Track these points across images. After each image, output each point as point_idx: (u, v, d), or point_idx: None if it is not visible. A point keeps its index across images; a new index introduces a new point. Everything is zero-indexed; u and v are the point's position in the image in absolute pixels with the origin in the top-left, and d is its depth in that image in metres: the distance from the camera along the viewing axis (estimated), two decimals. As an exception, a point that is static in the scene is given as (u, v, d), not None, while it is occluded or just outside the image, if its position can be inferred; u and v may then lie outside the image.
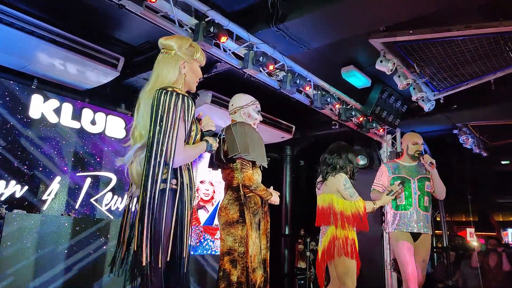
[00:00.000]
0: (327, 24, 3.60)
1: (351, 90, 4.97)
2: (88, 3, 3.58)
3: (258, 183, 2.60)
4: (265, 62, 3.72)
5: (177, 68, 1.89)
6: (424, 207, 3.35)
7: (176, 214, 1.74)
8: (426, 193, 3.38)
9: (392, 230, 3.37)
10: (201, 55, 1.97)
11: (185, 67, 1.91)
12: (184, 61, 1.90)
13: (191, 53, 1.93)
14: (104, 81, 4.47)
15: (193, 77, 1.96)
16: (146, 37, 4.17)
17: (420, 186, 3.37)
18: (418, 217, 3.29)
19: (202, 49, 2.03)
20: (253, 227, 2.51)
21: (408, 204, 3.34)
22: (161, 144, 1.70)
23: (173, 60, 1.90)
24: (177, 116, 1.72)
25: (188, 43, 1.94)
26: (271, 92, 4.39)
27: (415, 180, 3.39)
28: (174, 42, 1.91)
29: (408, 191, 3.36)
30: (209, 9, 3.29)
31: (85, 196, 4.58)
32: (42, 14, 3.79)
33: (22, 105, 4.23)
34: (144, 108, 1.83)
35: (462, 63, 4.35)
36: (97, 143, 4.79)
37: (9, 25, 3.48)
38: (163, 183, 1.73)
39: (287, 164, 7.02)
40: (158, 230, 1.67)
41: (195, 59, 1.94)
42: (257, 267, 2.48)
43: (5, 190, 3.99)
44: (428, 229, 3.34)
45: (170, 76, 1.87)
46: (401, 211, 3.34)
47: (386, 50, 4.13)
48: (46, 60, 4.01)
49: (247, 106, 2.72)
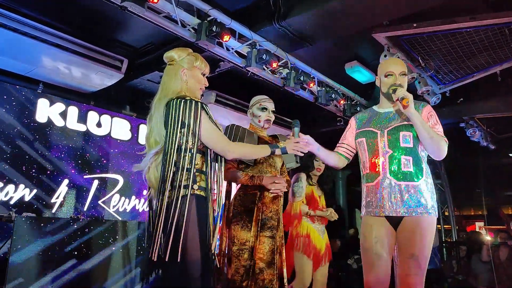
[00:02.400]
0: (329, 19, 3.58)
1: (355, 86, 4.94)
2: (91, 6, 3.60)
3: (234, 175, 2.51)
4: (269, 60, 3.72)
5: (178, 75, 1.96)
6: (400, 173, 2.02)
7: (199, 219, 1.79)
8: (402, 150, 2.04)
9: (362, 214, 2.19)
10: (201, 62, 2.02)
11: (186, 74, 1.97)
12: (183, 68, 1.97)
13: (190, 61, 1.99)
14: (109, 83, 4.50)
15: (195, 83, 2.00)
16: (149, 39, 4.19)
17: (392, 141, 2.07)
18: (391, 191, 2.02)
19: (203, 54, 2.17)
20: (246, 226, 2.45)
21: (373, 172, 2.10)
22: (183, 150, 1.79)
23: (174, 69, 1.98)
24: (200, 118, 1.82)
25: (187, 52, 2.02)
26: (275, 90, 4.38)
27: (384, 132, 2.11)
28: (174, 52, 2.01)
29: (371, 150, 2.12)
30: (211, 8, 3.29)
31: (93, 198, 4.62)
32: (45, 18, 3.82)
33: (29, 109, 4.26)
34: (157, 116, 1.90)
35: (467, 55, 4.30)
36: (103, 146, 4.82)
37: (14, 30, 3.52)
38: (185, 188, 1.79)
39: (292, 162, 6.99)
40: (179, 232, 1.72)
41: (196, 66, 1.99)
42: (264, 267, 2.42)
43: (14, 194, 4.03)
44: (411, 210, 1.98)
45: (173, 84, 1.94)
46: (367, 183, 2.12)
47: (390, 45, 4.10)
48: (51, 64, 4.04)
49: (252, 106, 2.72)
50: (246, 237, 2.43)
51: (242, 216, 2.48)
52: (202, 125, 1.81)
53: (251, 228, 2.44)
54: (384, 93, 2.19)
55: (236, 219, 2.48)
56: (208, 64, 2.07)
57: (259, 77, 4.04)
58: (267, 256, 2.45)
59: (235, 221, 2.48)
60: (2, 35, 3.50)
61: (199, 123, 1.80)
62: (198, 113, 1.80)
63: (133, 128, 5.11)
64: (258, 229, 2.48)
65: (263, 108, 2.67)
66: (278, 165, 2.66)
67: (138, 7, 2.94)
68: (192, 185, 1.80)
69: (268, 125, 2.69)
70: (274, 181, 2.44)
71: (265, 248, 2.47)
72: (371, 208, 2.08)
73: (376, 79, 2.24)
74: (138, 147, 5.10)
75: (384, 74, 2.15)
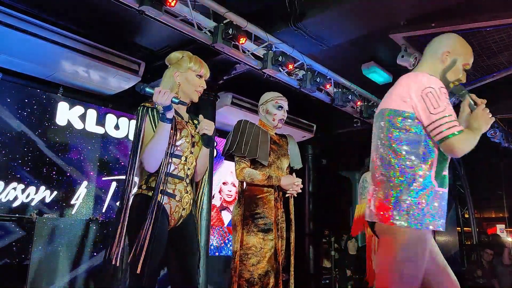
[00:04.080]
0: (346, 20, 3.56)
1: (372, 87, 4.89)
2: (109, 10, 3.65)
3: (251, 175, 2.41)
4: (285, 62, 3.71)
5: (171, 78, 1.98)
6: None
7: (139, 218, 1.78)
8: None
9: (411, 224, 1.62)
10: (195, 64, 1.99)
11: (178, 76, 1.97)
12: (177, 71, 1.98)
13: (184, 63, 1.99)
14: (126, 86, 4.56)
15: (189, 86, 1.99)
16: (166, 42, 4.22)
17: None
18: None
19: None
20: (253, 231, 2.40)
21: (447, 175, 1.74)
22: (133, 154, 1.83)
23: (169, 72, 2.01)
24: (143, 126, 1.87)
25: (181, 54, 2.03)
26: (291, 92, 4.36)
27: None
28: (171, 56, 2.04)
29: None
30: (227, 11, 3.30)
31: (111, 199, 4.68)
32: (64, 23, 3.89)
33: (49, 112, 4.35)
34: None
35: (487, 55, 4.22)
36: (121, 148, 4.88)
37: (34, 35, 3.60)
38: (139, 188, 1.86)
39: (309, 164, 6.97)
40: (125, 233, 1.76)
41: (189, 68, 1.98)
42: (269, 270, 2.38)
43: (35, 195, 4.12)
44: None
45: (164, 86, 1.95)
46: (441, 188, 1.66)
47: (407, 45, 4.04)
48: (70, 68, 4.12)
49: (266, 102, 2.63)
50: (251, 242, 2.38)
51: (247, 220, 2.42)
52: (145, 128, 1.86)
53: (256, 233, 2.40)
54: (445, 77, 1.77)
55: (242, 224, 2.43)
56: (204, 65, 2.04)
57: (275, 79, 4.04)
58: (283, 256, 2.47)
59: (242, 225, 2.43)
60: (23, 41, 3.58)
61: (143, 127, 1.85)
62: (143, 117, 1.87)
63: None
64: (277, 231, 2.45)
65: (279, 107, 2.61)
66: (285, 167, 2.62)
67: (155, 11, 2.97)
68: (142, 186, 1.86)
69: (281, 125, 2.65)
70: (294, 183, 2.43)
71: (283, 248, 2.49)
72: (436, 219, 1.61)
73: (445, 54, 1.75)
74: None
75: (463, 61, 1.77)
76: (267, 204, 2.44)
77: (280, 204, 2.53)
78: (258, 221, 2.41)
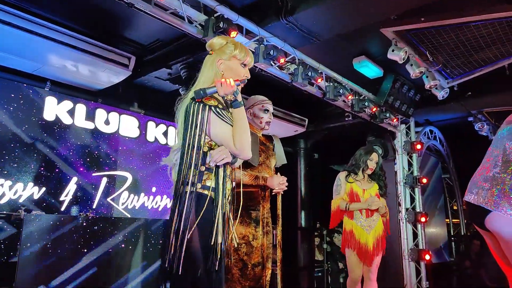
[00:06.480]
0: (337, 14, 3.56)
1: (363, 81, 4.91)
2: (97, 3, 3.60)
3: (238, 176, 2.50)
4: (276, 56, 3.69)
5: (213, 66, 1.86)
6: None
7: (200, 218, 1.69)
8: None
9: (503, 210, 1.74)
10: (241, 52, 1.87)
11: (222, 64, 1.86)
12: (220, 58, 1.86)
13: (229, 50, 1.87)
14: (116, 80, 4.50)
15: (232, 75, 1.85)
16: (157, 35, 4.18)
17: None
18: None
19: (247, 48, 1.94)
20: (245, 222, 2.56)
21: None
22: (196, 149, 1.71)
23: (211, 59, 1.88)
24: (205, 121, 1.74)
25: (226, 40, 1.90)
26: (283, 86, 4.36)
27: None
28: (214, 40, 1.91)
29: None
30: (218, 4, 3.27)
31: (101, 195, 4.64)
32: (52, 16, 3.82)
33: (36, 107, 4.28)
34: (179, 115, 1.86)
35: (475, 49, 4.26)
36: (112, 143, 4.83)
37: (21, 28, 3.52)
38: (192, 186, 1.72)
39: (301, 158, 7.00)
40: (182, 232, 1.66)
41: (234, 56, 1.87)
42: (261, 262, 2.53)
43: (23, 192, 4.06)
44: None
45: (207, 75, 1.86)
46: None
47: (397, 39, 4.06)
48: (58, 62, 4.05)
49: (252, 106, 2.73)
50: (244, 231, 2.53)
51: (241, 212, 2.52)
52: (211, 126, 1.74)
53: (249, 224, 2.55)
54: None
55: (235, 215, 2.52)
56: (250, 53, 1.93)
57: (266, 73, 4.02)
58: (269, 251, 2.63)
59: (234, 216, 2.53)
60: (9, 34, 3.51)
61: (208, 124, 1.73)
62: (206, 115, 1.73)
63: (141, 125, 5.12)
64: (263, 227, 2.61)
65: (265, 110, 2.73)
66: (273, 166, 2.79)
67: (145, 4, 2.93)
68: (196, 183, 1.72)
69: (268, 127, 2.76)
70: (279, 182, 2.59)
71: (268, 243, 2.64)
72: None
73: None
74: (146, 144, 5.12)
75: None
76: (256, 199, 2.62)
77: (266, 203, 2.68)
78: (251, 213, 2.57)
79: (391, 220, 3.95)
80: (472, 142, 6.41)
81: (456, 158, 7.14)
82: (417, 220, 5.62)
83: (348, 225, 3.59)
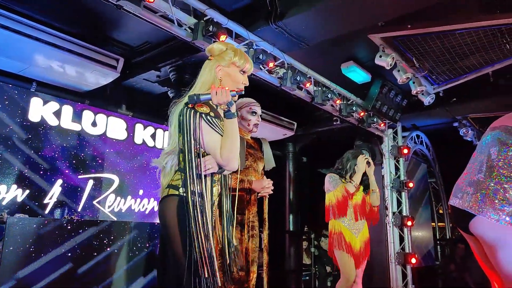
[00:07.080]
0: (326, 20, 3.59)
1: (351, 86, 4.96)
2: (86, 4, 3.57)
3: None
4: (265, 60, 3.71)
5: (212, 71, 1.85)
6: None
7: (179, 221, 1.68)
8: None
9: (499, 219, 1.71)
10: (240, 58, 1.86)
11: (220, 70, 1.85)
12: (219, 64, 1.85)
13: (228, 56, 1.86)
14: (104, 82, 4.46)
15: (230, 82, 1.85)
16: (146, 38, 4.16)
17: None
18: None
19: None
20: None
21: None
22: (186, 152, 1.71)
23: (210, 64, 1.87)
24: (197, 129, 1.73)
25: (226, 46, 1.89)
26: (272, 90, 4.38)
27: None
28: (214, 46, 1.90)
29: None
30: (208, 8, 3.27)
31: (87, 198, 4.57)
32: (39, 16, 3.77)
33: (21, 108, 4.21)
34: (172, 116, 1.84)
35: (460, 56, 4.35)
36: (99, 145, 4.77)
37: (6, 28, 3.47)
38: (174, 189, 1.72)
39: (289, 161, 7.01)
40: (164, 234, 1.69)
41: (233, 62, 1.86)
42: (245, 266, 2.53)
43: (6, 194, 3.98)
44: None
45: (204, 80, 1.85)
46: None
47: (385, 45, 4.12)
48: (45, 63, 4.00)
49: (240, 109, 2.72)
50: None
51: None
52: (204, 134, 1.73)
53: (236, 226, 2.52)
54: None
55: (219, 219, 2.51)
56: (249, 60, 1.92)
57: (255, 76, 4.03)
58: (255, 255, 2.62)
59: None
60: (-6, 34, 3.46)
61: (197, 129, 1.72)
62: (197, 122, 1.72)
63: (129, 127, 5.08)
64: (248, 231, 2.60)
65: (253, 112, 2.72)
66: (260, 169, 2.78)
67: (134, 6, 2.90)
68: (174, 185, 1.72)
69: (256, 129, 2.75)
70: (264, 186, 2.58)
71: (254, 247, 2.63)
72: None
73: None
74: (134, 146, 5.07)
75: None
76: (241, 203, 2.59)
77: (251, 206, 2.67)
78: (236, 217, 2.53)
79: (378, 223, 3.97)
80: (457, 147, 6.52)
81: (442, 162, 7.25)
82: (403, 224, 5.68)
83: (336, 227, 3.59)
